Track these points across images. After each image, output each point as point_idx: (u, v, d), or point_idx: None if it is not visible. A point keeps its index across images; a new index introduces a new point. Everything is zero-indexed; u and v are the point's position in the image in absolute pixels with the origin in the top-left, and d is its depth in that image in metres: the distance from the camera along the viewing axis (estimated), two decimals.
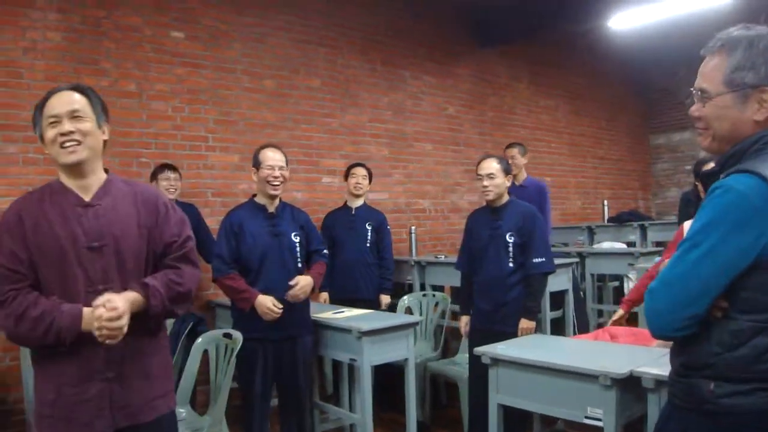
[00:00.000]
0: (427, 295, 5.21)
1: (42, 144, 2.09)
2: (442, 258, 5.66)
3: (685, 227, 3.26)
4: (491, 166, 3.88)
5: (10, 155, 4.27)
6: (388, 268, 5.08)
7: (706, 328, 1.52)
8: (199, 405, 4.17)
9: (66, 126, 2.02)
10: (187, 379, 3.52)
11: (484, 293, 3.91)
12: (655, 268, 3.67)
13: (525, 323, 3.76)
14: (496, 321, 3.82)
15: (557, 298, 5.19)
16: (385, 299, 5.00)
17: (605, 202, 8.18)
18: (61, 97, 2.06)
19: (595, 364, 2.68)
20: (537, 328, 3.89)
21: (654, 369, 2.47)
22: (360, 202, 5.11)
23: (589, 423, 2.66)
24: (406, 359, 3.84)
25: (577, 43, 8.17)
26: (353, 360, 3.72)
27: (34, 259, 1.99)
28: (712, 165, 1.78)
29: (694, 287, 1.49)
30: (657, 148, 10.04)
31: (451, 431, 4.58)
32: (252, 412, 3.62)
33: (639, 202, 9.75)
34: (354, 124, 6.20)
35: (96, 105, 2.11)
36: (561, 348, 3.41)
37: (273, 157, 3.67)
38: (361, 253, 4.94)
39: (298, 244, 3.72)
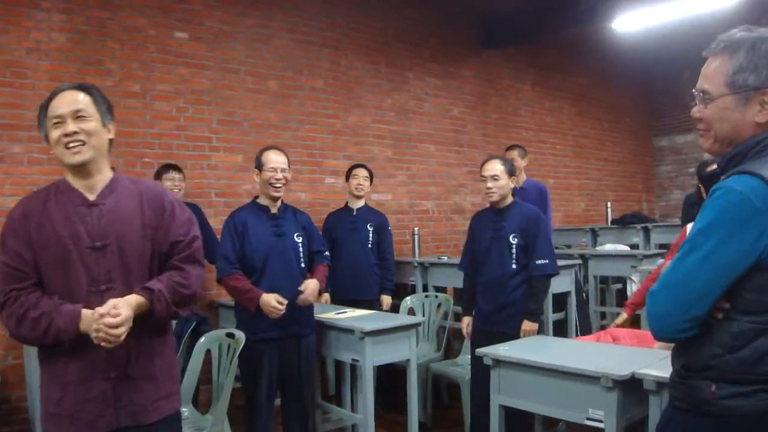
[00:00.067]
0: (430, 296, 5.21)
1: (47, 144, 2.08)
2: (445, 259, 5.67)
3: (687, 229, 3.25)
4: (495, 167, 3.87)
5: (14, 155, 4.29)
6: (389, 269, 5.09)
7: (708, 330, 1.52)
8: (201, 404, 4.17)
9: (70, 126, 2.00)
10: (190, 379, 3.53)
11: (487, 294, 3.90)
12: (658, 270, 3.67)
13: (527, 325, 3.76)
14: (498, 322, 3.82)
15: (560, 300, 5.18)
16: (386, 300, 5.01)
17: (609, 204, 8.15)
18: (65, 96, 2.05)
19: (596, 365, 2.68)
20: (539, 330, 3.88)
21: (655, 371, 2.47)
22: (361, 203, 5.12)
23: (591, 424, 2.66)
24: (408, 360, 3.85)
25: (581, 44, 8.16)
26: (355, 360, 3.72)
27: (38, 259, 1.98)
28: (714, 167, 1.79)
29: (695, 289, 1.49)
30: (661, 150, 10.02)
31: None
32: (257, 414, 3.61)
33: (642, 204, 9.72)
34: (357, 125, 6.20)
35: (100, 104, 2.09)
36: (563, 349, 3.42)
37: (276, 159, 3.67)
38: (363, 254, 4.95)
39: (300, 245, 3.73)
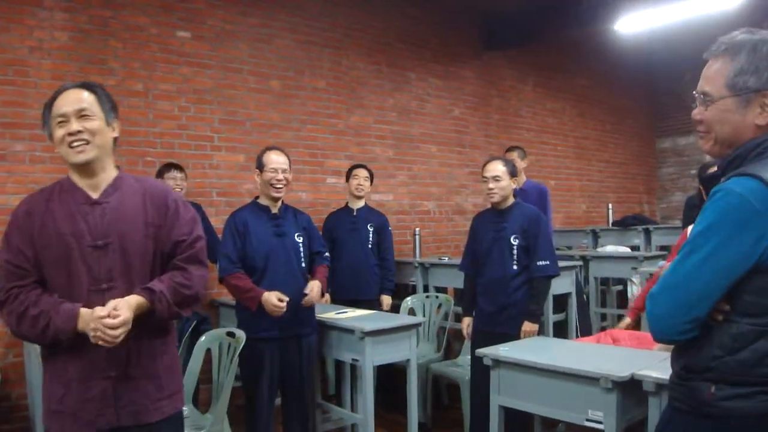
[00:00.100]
0: (431, 296, 5.21)
1: (51, 142, 2.07)
2: (446, 260, 5.67)
3: (688, 231, 3.25)
4: (497, 168, 3.87)
5: (17, 153, 4.29)
6: (389, 269, 5.10)
7: (708, 332, 1.52)
8: (201, 403, 4.18)
9: (74, 125, 2.00)
10: (190, 378, 3.53)
11: (488, 295, 3.90)
12: (659, 273, 3.67)
13: (528, 326, 3.76)
14: (498, 323, 3.82)
15: (560, 301, 5.19)
16: (386, 300, 5.01)
17: (610, 206, 8.14)
18: (69, 95, 2.04)
19: (596, 366, 2.69)
20: (540, 331, 3.88)
21: (655, 372, 2.47)
22: (361, 203, 5.12)
23: (590, 426, 2.66)
24: (408, 360, 3.85)
25: (584, 46, 8.16)
26: (355, 360, 3.73)
27: (40, 257, 1.99)
28: (715, 169, 1.79)
29: (695, 290, 1.49)
30: (663, 152, 10.01)
31: None
32: (258, 413, 3.61)
33: (644, 206, 9.71)
34: (359, 126, 6.20)
35: (104, 102, 2.08)
36: (562, 350, 3.41)
37: (277, 160, 3.68)
38: (363, 254, 4.95)
39: (301, 245, 3.73)
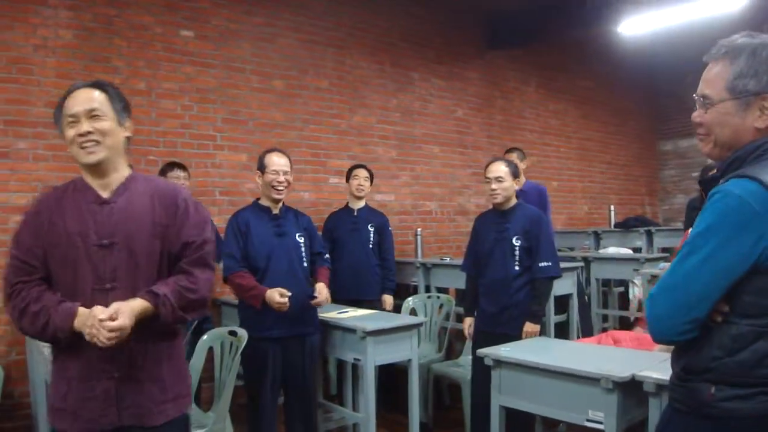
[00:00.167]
0: (432, 297, 5.22)
1: (64, 142, 2.06)
2: (448, 260, 5.67)
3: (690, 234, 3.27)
4: (500, 169, 3.87)
5: (20, 151, 4.29)
6: (390, 269, 5.10)
7: (707, 333, 1.52)
8: (203, 401, 4.19)
9: (84, 126, 1.99)
10: (192, 376, 3.53)
11: (489, 296, 3.91)
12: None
13: (530, 327, 3.76)
14: (500, 323, 3.82)
15: (562, 302, 5.19)
16: (388, 300, 5.01)
17: (612, 208, 8.14)
18: (80, 95, 2.03)
19: (597, 367, 2.69)
20: (541, 332, 3.88)
21: (655, 373, 2.48)
22: (362, 203, 5.13)
23: (591, 426, 2.66)
24: (409, 360, 3.86)
25: (587, 47, 8.15)
26: (357, 360, 3.74)
27: (47, 256, 1.99)
28: (715, 172, 1.79)
29: (694, 291, 1.50)
30: (665, 154, 10.00)
31: None
32: (261, 412, 3.63)
33: (646, 208, 9.71)
34: (362, 125, 6.21)
35: (116, 102, 2.07)
36: (563, 351, 3.42)
37: (278, 161, 3.71)
38: (364, 254, 4.96)
39: (302, 245, 3.76)
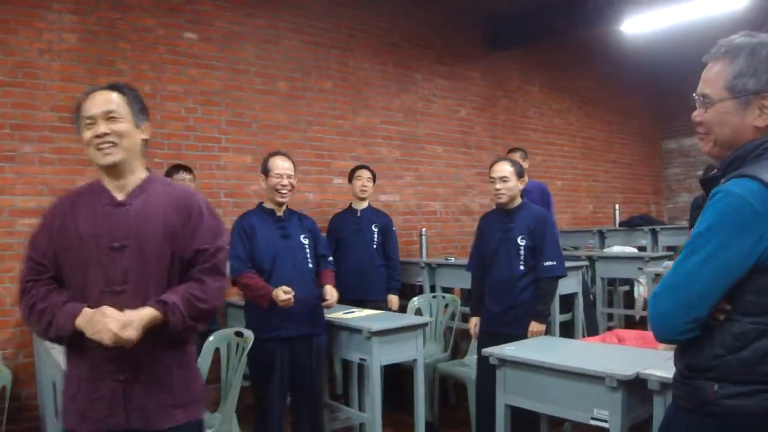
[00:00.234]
0: (437, 296, 5.22)
1: (83, 144, 2.07)
2: (453, 260, 5.68)
3: None
4: (504, 168, 3.87)
5: (26, 155, 4.31)
6: (395, 269, 5.11)
7: (709, 331, 1.53)
8: (210, 403, 4.20)
9: (101, 128, 1.99)
10: None
11: (495, 295, 3.90)
12: None
13: (535, 326, 3.75)
14: (505, 323, 3.81)
15: (567, 302, 5.19)
16: (394, 300, 5.02)
17: (617, 206, 8.13)
18: (98, 97, 2.03)
19: (601, 365, 2.69)
20: (546, 331, 3.88)
21: (660, 371, 2.47)
22: (365, 204, 5.14)
23: (596, 424, 2.67)
24: (415, 360, 3.86)
25: (590, 46, 8.15)
26: (363, 360, 3.75)
27: (59, 257, 2.01)
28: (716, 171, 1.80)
29: (695, 290, 1.51)
30: (669, 152, 10.00)
31: None
32: (269, 413, 3.64)
33: (651, 207, 9.70)
34: (366, 126, 6.22)
35: (134, 104, 2.08)
36: (568, 350, 3.42)
37: (282, 165, 3.75)
38: (368, 254, 4.97)
39: (307, 246, 3.79)
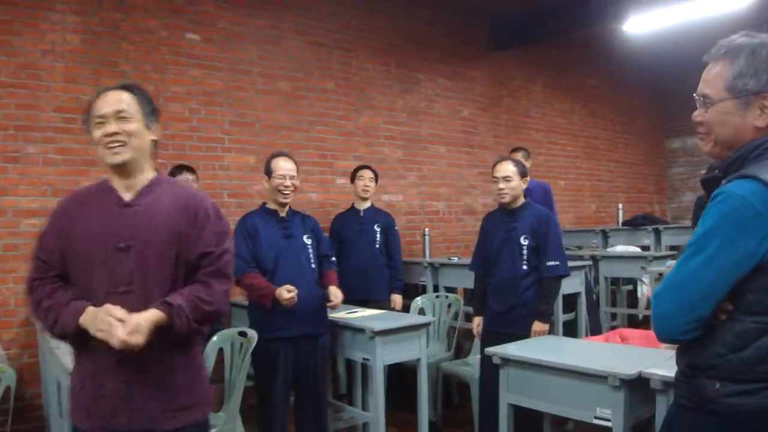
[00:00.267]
0: (440, 296, 5.22)
1: (93, 145, 2.09)
2: (456, 260, 5.68)
3: None
4: (507, 168, 3.87)
5: (30, 156, 4.32)
6: (398, 268, 5.13)
7: (711, 331, 1.53)
8: (214, 402, 4.20)
9: (111, 127, 2.00)
10: None
11: (498, 295, 3.91)
12: None
13: (538, 326, 3.76)
14: (508, 323, 3.82)
15: (570, 301, 5.19)
16: (397, 299, 5.03)
17: (620, 206, 8.12)
18: (109, 96, 2.05)
19: (604, 365, 2.70)
20: (549, 331, 3.88)
21: (662, 370, 2.48)
22: (367, 204, 5.15)
23: (598, 423, 2.67)
24: (418, 359, 3.87)
25: (592, 45, 8.14)
26: (366, 359, 3.75)
27: (66, 257, 2.02)
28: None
29: (698, 290, 1.51)
30: (673, 151, 9.99)
31: (463, 431, 4.59)
32: (272, 413, 3.65)
33: (654, 206, 9.69)
34: (368, 126, 6.23)
35: (144, 105, 2.09)
36: (571, 349, 3.43)
37: (284, 166, 3.76)
38: (371, 254, 4.98)
39: (310, 246, 3.81)
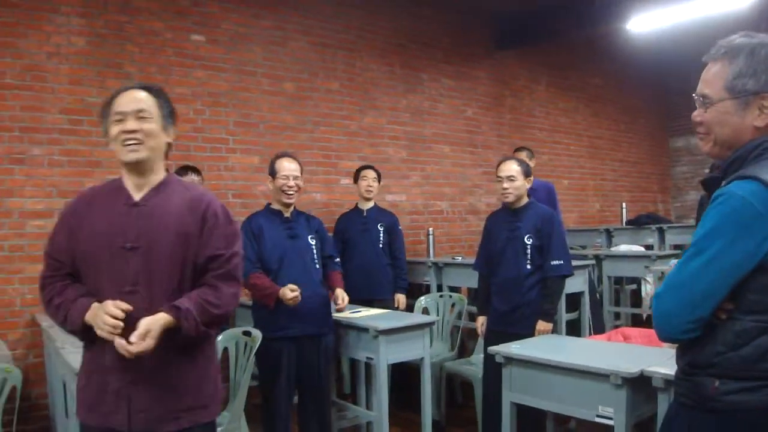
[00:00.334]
0: (444, 296, 5.23)
1: (106, 139, 2.10)
2: (460, 259, 5.69)
3: None
4: (511, 168, 3.88)
5: (35, 157, 4.35)
6: (401, 268, 5.14)
7: (711, 330, 1.55)
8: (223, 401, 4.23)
9: (130, 124, 2.02)
10: None
11: (502, 294, 3.91)
12: None
13: (542, 325, 3.76)
14: (512, 322, 3.82)
15: (573, 300, 5.19)
16: (401, 299, 5.05)
17: (624, 205, 8.12)
18: (130, 95, 2.07)
19: (606, 363, 2.71)
20: (553, 330, 3.89)
21: (664, 369, 2.48)
22: (371, 204, 5.17)
23: (601, 421, 2.68)
24: (422, 358, 3.87)
25: (596, 45, 8.14)
26: (370, 359, 3.76)
27: (75, 256, 2.05)
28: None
29: (699, 290, 1.52)
30: (676, 151, 9.97)
31: (466, 430, 4.61)
32: (276, 412, 3.66)
33: (658, 205, 9.68)
34: (372, 127, 6.24)
35: (163, 107, 2.11)
36: (574, 348, 3.44)
37: (288, 167, 3.78)
38: (375, 254, 5.00)
39: (314, 247, 3.82)
